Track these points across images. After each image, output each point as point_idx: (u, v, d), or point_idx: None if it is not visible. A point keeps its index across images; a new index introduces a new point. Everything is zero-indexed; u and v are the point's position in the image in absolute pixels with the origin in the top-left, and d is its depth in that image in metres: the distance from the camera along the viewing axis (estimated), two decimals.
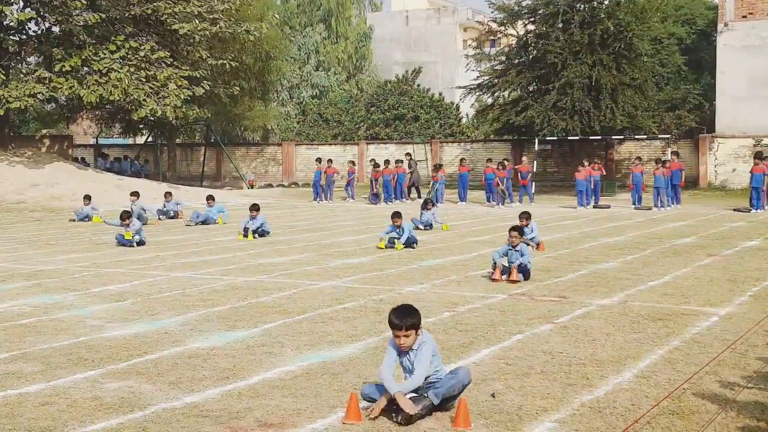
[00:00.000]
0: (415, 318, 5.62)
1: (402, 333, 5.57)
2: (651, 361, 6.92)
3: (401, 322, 5.57)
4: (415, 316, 5.62)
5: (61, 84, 30.99)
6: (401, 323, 5.57)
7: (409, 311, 5.65)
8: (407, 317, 5.60)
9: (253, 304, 9.71)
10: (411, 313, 5.63)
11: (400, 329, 5.57)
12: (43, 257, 14.66)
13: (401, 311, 5.65)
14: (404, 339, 5.58)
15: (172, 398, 6.00)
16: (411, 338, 5.59)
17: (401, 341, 5.59)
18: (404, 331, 5.56)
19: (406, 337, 5.57)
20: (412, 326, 5.58)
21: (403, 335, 5.57)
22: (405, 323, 5.56)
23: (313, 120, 47.69)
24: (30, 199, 28.51)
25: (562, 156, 38.44)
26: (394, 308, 5.69)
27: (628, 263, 13.06)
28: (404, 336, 5.57)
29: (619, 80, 32.96)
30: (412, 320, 5.59)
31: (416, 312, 5.67)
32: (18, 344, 7.77)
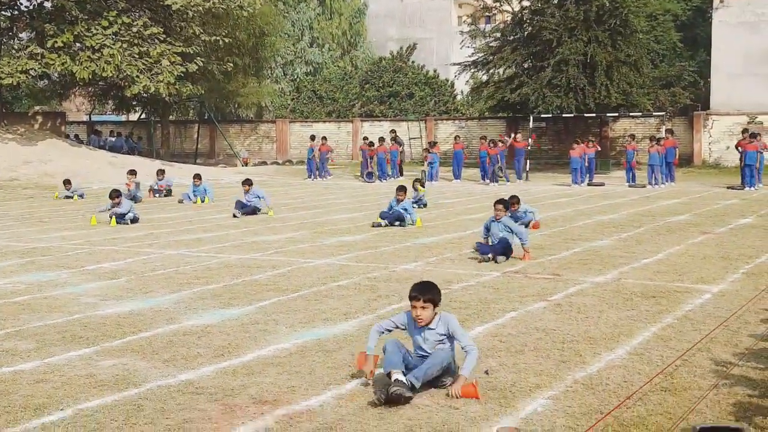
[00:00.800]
0: (433, 293, 5.67)
1: (419, 304, 5.61)
2: (644, 339, 6.95)
3: (420, 293, 5.63)
4: (434, 291, 5.68)
5: (53, 60, 30.78)
6: (419, 294, 5.62)
7: (430, 285, 5.74)
8: (427, 290, 5.67)
9: (247, 282, 9.72)
10: (431, 288, 5.70)
11: (418, 300, 5.61)
12: (37, 234, 14.63)
13: (422, 284, 5.76)
14: (421, 311, 5.60)
15: (167, 375, 6.02)
16: (428, 312, 5.62)
17: (418, 313, 5.62)
18: (422, 303, 5.60)
19: (423, 309, 5.60)
20: (431, 300, 5.62)
21: (420, 306, 5.60)
22: (424, 295, 5.62)
23: (308, 97, 47.49)
24: (23, 176, 28.42)
25: (557, 133, 38.41)
26: (418, 282, 5.83)
27: (621, 241, 13.09)
28: (421, 308, 5.60)
29: (614, 57, 32.86)
30: (431, 294, 5.65)
31: (436, 288, 5.73)
32: (12, 322, 7.77)
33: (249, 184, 17.80)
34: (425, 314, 5.63)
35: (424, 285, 5.75)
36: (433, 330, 5.68)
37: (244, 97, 42.36)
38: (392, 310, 8.12)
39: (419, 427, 4.94)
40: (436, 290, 5.71)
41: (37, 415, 5.21)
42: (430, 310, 5.64)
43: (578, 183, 27.15)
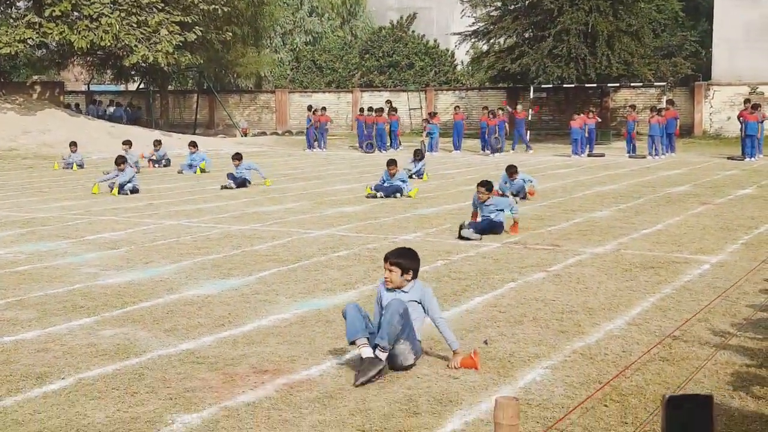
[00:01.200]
0: (404, 258, 5.61)
1: (386, 265, 5.60)
2: (642, 309, 6.98)
3: (390, 255, 5.63)
4: (406, 257, 5.62)
5: (51, 29, 30.57)
6: (389, 256, 5.63)
7: (404, 251, 5.70)
8: (398, 254, 5.64)
9: (247, 252, 9.73)
10: (403, 254, 5.66)
11: (386, 261, 5.61)
12: (37, 205, 14.63)
13: (397, 249, 5.78)
14: (388, 273, 5.59)
15: (168, 345, 6.05)
16: (395, 275, 5.58)
17: (386, 275, 5.61)
18: (388, 264, 5.58)
19: (390, 271, 5.57)
20: (397, 264, 5.57)
21: (387, 268, 5.59)
22: (392, 257, 5.60)
23: (307, 67, 47.22)
24: (22, 146, 28.36)
25: (557, 104, 38.25)
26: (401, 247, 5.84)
27: (621, 212, 13.10)
28: (388, 270, 5.58)
29: (616, 27, 32.62)
30: (400, 258, 5.60)
31: (410, 256, 5.65)
32: (13, 291, 7.80)
33: (239, 158, 17.61)
34: (393, 277, 5.58)
35: (398, 249, 5.75)
36: (406, 294, 5.60)
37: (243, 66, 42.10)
38: None
39: (419, 396, 4.97)
40: (409, 258, 5.64)
41: (38, 383, 5.24)
42: (398, 274, 5.57)
43: (578, 154, 27.09)
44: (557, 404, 4.83)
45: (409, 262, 5.63)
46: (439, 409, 4.77)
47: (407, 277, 5.61)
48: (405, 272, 5.59)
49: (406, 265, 5.60)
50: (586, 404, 4.77)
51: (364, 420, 4.62)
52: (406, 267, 5.60)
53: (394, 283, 5.60)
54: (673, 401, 2.29)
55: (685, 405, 2.28)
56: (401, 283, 5.60)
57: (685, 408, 2.28)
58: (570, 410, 4.68)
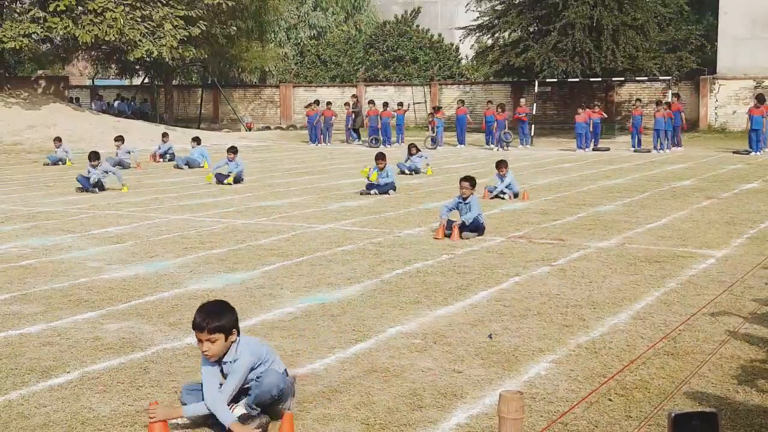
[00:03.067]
0: (224, 319, 4.36)
1: (204, 336, 4.33)
2: (647, 303, 6.97)
3: (204, 321, 4.33)
4: (225, 316, 4.37)
5: (55, 24, 30.58)
6: (203, 323, 4.33)
7: (221, 309, 4.41)
8: (214, 316, 4.34)
9: (251, 247, 9.74)
10: (222, 312, 4.39)
11: (202, 331, 4.33)
12: (42, 199, 14.65)
13: (209, 308, 4.41)
14: (207, 345, 4.34)
15: (173, 339, 6.06)
16: (218, 345, 4.35)
17: (203, 348, 4.36)
18: (207, 334, 4.32)
19: (210, 342, 4.33)
20: (219, 329, 4.33)
21: (206, 339, 4.33)
22: (209, 324, 4.32)
23: (311, 61, 47.20)
24: (27, 140, 28.37)
25: (562, 98, 38.17)
26: (201, 305, 4.48)
27: (626, 206, 13.08)
28: (207, 341, 4.33)
29: (621, 21, 32.54)
30: (220, 321, 4.34)
31: (229, 312, 4.42)
32: (18, 285, 7.81)
33: (234, 152, 17.35)
34: (213, 349, 4.35)
35: (209, 309, 4.39)
36: (231, 364, 4.45)
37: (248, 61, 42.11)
38: (396, 275, 8.15)
39: (423, 390, 4.97)
40: (227, 315, 4.39)
41: (44, 377, 5.26)
42: (221, 342, 4.36)
43: (583, 148, 27.05)
44: (562, 398, 4.83)
45: (229, 319, 4.39)
46: (444, 403, 4.78)
47: (232, 338, 4.42)
48: (229, 335, 4.40)
49: (229, 327, 4.40)
50: (591, 398, 4.77)
51: (368, 414, 4.63)
52: (229, 328, 4.40)
53: (217, 355, 4.39)
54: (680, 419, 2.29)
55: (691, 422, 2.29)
56: (225, 349, 4.41)
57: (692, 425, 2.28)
58: (574, 404, 4.67)
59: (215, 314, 4.35)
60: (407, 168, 18.78)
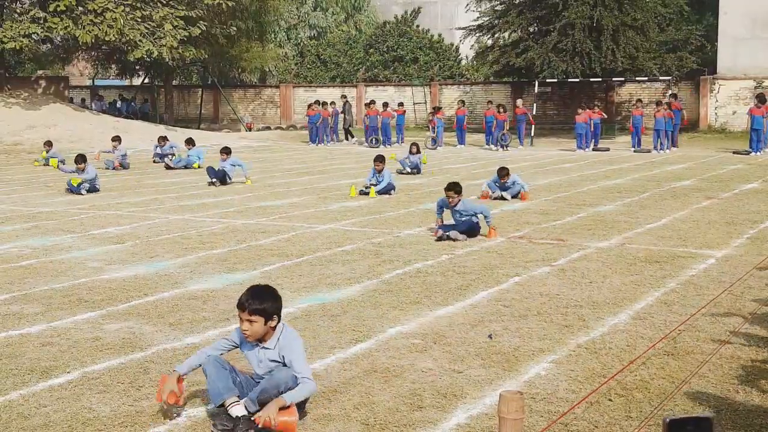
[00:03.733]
0: (267, 303, 4.50)
1: (245, 315, 4.49)
2: (647, 303, 6.97)
3: (245, 301, 4.50)
4: (268, 300, 4.51)
5: (56, 24, 30.58)
6: (245, 303, 4.49)
7: (265, 293, 4.55)
8: (257, 299, 4.50)
9: (251, 247, 9.74)
10: (265, 296, 4.53)
11: (243, 310, 4.50)
12: (42, 199, 14.65)
13: (255, 290, 4.57)
14: (246, 325, 4.50)
15: (173, 339, 6.06)
16: (257, 326, 4.50)
17: (243, 327, 4.53)
18: (247, 314, 4.48)
19: (249, 322, 4.49)
20: (259, 312, 4.47)
21: (246, 319, 4.49)
22: (250, 305, 4.48)
23: (311, 62, 47.20)
24: (27, 140, 28.36)
25: (562, 98, 38.18)
26: (250, 287, 4.66)
27: (626, 206, 13.08)
28: (247, 320, 4.49)
29: (621, 21, 32.54)
30: (259, 303, 4.48)
31: (273, 298, 4.55)
32: (18, 285, 7.81)
33: (227, 152, 17.21)
34: (253, 329, 4.50)
35: (254, 291, 4.54)
36: (269, 350, 4.59)
37: (248, 61, 42.10)
38: (396, 275, 8.15)
39: (423, 390, 4.97)
40: (270, 299, 4.52)
41: (44, 377, 5.26)
42: (260, 324, 4.49)
43: (583, 148, 27.05)
44: (562, 398, 4.83)
45: (273, 305, 4.53)
46: (444, 403, 4.78)
47: (272, 323, 4.55)
48: (269, 319, 4.53)
49: (271, 313, 4.52)
50: (591, 398, 4.77)
51: (368, 414, 4.63)
52: (271, 314, 4.52)
53: (253, 336, 4.54)
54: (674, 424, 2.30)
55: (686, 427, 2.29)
56: (265, 332, 4.56)
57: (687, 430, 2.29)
58: (574, 404, 4.67)
59: (259, 297, 4.49)
60: (408, 166, 18.76)
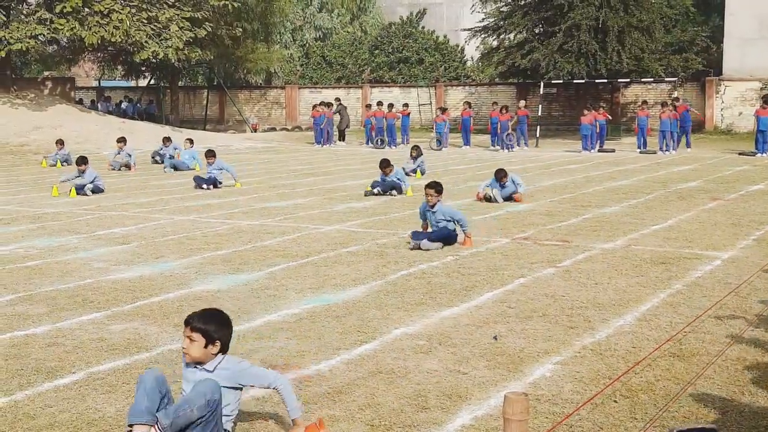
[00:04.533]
0: (212, 326, 4.22)
1: (187, 332, 4.22)
2: (653, 305, 6.96)
3: (193, 317, 4.27)
4: (214, 323, 4.24)
5: (62, 25, 30.65)
6: (191, 319, 4.26)
7: (214, 317, 4.31)
8: (203, 318, 4.25)
9: (257, 248, 9.75)
10: (213, 320, 4.27)
11: (186, 325, 4.25)
12: (47, 200, 14.68)
13: (207, 311, 4.40)
14: (186, 342, 4.22)
15: (178, 340, 6.05)
16: (196, 347, 4.20)
17: (183, 343, 4.26)
18: (188, 330, 4.21)
19: (189, 340, 4.20)
20: (201, 331, 4.19)
21: (187, 335, 4.22)
22: (193, 322, 4.23)
23: (317, 63, 47.25)
24: (33, 141, 28.43)
25: (568, 99, 38.15)
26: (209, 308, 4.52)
27: (631, 207, 13.05)
28: (188, 337, 4.21)
29: (626, 22, 32.50)
30: (206, 325, 4.21)
31: (222, 324, 4.29)
32: (24, 286, 7.83)
33: (213, 155, 16.81)
34: (191, 348, 4.20)
35: (205, 312, 4.36)
36: (208, 372, 4.24)
37: (254, 62, 42.17)
38: (401, 276, 8.15)
39: (428, 391, 4.97)
40: (217, 324, 4.24)
41: (49, 378, 5.27)
42: (200, 345, 4.19)
43: (588, 149, 27.02)
44: (567, 400, 4.83)
45: (216, 328, 4.24)
46: (449, 405, 4.77)
47: (212, 349, 4.23)
48: (211, 342, 4.22)
49: (214, 334, 4.23)
50: (596, 400, 4.76)
51: (373, 415, 4.63)
52: (213, 336, 4.22)
53: (193, 356, 4.22)
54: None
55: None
56: (204, 356, 4.23)
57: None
58: (579, 406, 4.67)
59: (206, 318, 4.26)
60: (412, 170, 18.73)
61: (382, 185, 14.90)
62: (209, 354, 4.22)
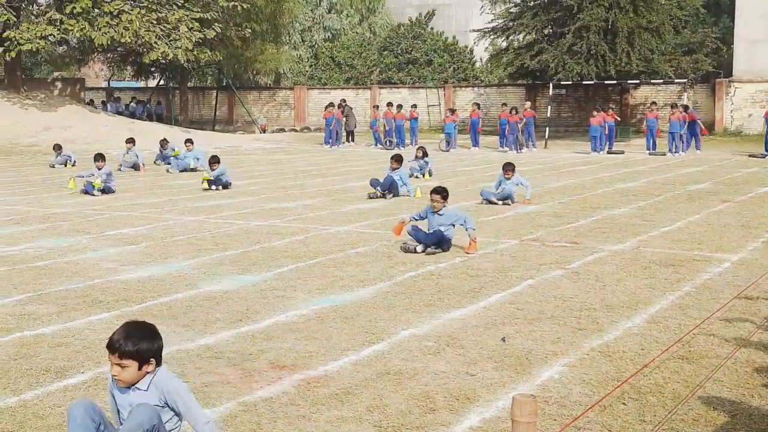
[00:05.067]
0: (142, 344, 3.74)
1: (115, 359, 3.74)
2: (662, 307, 6.94)
3: (118, 341, 3.73)
4: (144, 341, 3.75)
5: (72, 26, 30.78)
6: (116, 344, 3.73)
7: (141, 332, 3.79)
8: (130, 339, 3.73)
9: (265, 248, 9.76)
10: (140, 336, 3.76)
11: (113, 352, 3.74)
12: (57, 200, 14.74)
13: (129, 329, 3.80)
14: (116, 369, 3.75)
15: (186, 340, 6.07)
16: (129, 373, 3.75)
17: (113, 372, 3.78)
18: (117, 358, 3.73)
19: (120, 367, 3.74)
20: (133, 355, 3.72)
21: (116, 363, 3.74)
22: (122, 347, 3.72)
23: (326, 64, 47.31)
24: (43, 142, 28.55)
25: (577, 101, 38.08)
26: (125, 323, 3.91)
27: (641, 209, 13.02)
28: (117, 365, 3.74)
29: (636, 23, 32.44)
30: (135, 346, 3.72)
31: (150, 337, 3.79)
32: (33, 286, 7.86)
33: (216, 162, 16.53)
34: (124, 375, 3.75)
35: (128, 330, 3.78)
36: (143, 391, 3.80)
37: (263, 63, 42.26)
38: (409, 277, 8.14)
39: (436, 393, 4.97)
40: (146, 339, 3.77)
41: (58, 377, 5.28)
42: (134, 369, 3.74)
43: (597, 151, 26.97)
44: (575, 402, 4.82)
45: (148, 345, 3.76)
46: (457, 406, 4.77)
47: (148, 368, 3.77)
48: (145, 363, 3.76)
49: (147, 353, 3.76)
50: (604, 402, 4.75)
51: (381, 416, 4.63)
52: (147, 356, 3.76)
53: (127, 381, 3.78)
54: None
55: None
56: (139, 378, 3.79)
57: None
58: (588, 408, 4.66)
59: (133, 337, 3.74)
60: (417, 171, 18.70)
61: (381, 185, 14.78)
62: (144, 374, 3.78)
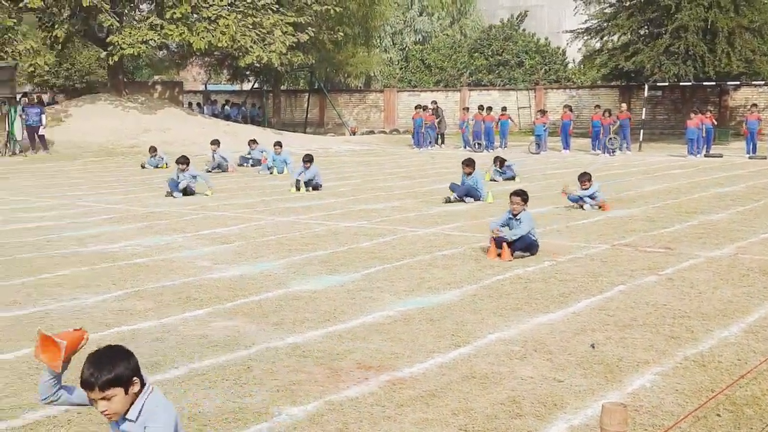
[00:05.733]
0: (118, 367, 3.32)
1: (97, 395, 3.31)
2: (760, 316, 6.69)
3: (92, 376, 3.30)
4: (117, 364, 3.33)
5: (171, 31, 31.72)
6: (92, 378, 3.30)
7: (110, 357, 3.36)
8: (104, 368, 3.30)
9: (353, 249, 9.85)
10: (111, 361, 3.34)
11: (92, 389, 3.31)
12: (155, 200, 15.21)
13: (97, 359, 3.34)
14: (103, 404, 3.32)
15: (276, 338, 6.19)
16: (117, 402, 3.33)
17: (100, 408, 3.33)
18: (99, 392, 3.30)
19: (107, 400, 3.31)
20: (114, 382, 3.31)
21: (100, 398, 3.32)
22: (99, 379, 3.29)
23: (416, 66, 47.41)
24: (143, 143, 29.48)
25: (673, 103, 37.07)
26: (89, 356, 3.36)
27: (739, 214, 12.58)
28: (102, 400, 3.31)
29: (737, 23, 31.37)
30: (112, 371, 3.31)
31: (122, 357, 3.37)
32: (131, 282, 8.14)
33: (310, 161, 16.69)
34: (113, 407, 3.33)
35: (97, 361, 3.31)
36: (132, 422, 3.37)
37: (354, 66, 42.65)
38: (497, 280, 8.09)
39: (523, 399, 4.92)
40: (119, 361, 3.34)
41: (152, 372, 5.45)
42: (120, 397, 3.32)
43: (694, 154, 26.17)
44: (667, 412, 4.69)
45: (125, 365, 3.35)
46: (544, 412, 4.71)
47: (134, 389, 3.37)
48: (129, 385, 3.35)
49: (126, 373, 3.33)
50: (698, 413, 4.61)
51: (466, 420, 4.61)
52: (127, 376, 3.33)
53: (118, 412, 3.36)
54: None
55: None
56: (128, 403, 3.36)
57: None
58: (680, 419, 4.53)
59: (108, 366, 3.32)
60: (503, 177, 18.50)
61: (459, 190, 14.65)
62: (132, 397, 3.38)
